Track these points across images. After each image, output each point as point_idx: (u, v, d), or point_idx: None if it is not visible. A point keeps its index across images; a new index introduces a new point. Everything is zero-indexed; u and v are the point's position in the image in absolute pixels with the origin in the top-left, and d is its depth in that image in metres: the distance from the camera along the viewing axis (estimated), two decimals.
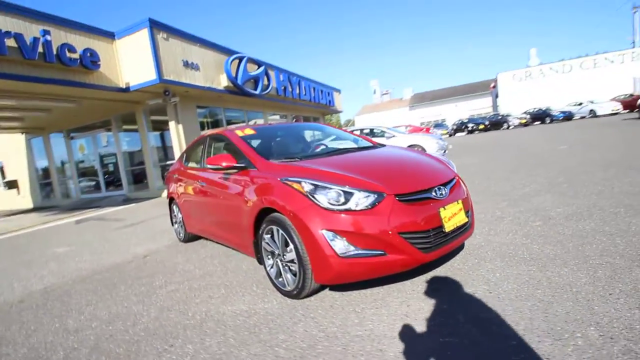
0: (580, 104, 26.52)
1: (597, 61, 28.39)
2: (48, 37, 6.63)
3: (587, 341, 1.60)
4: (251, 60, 11.31)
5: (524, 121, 26.81)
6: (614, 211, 3.41)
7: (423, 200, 2.24)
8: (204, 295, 2.77)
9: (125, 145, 11.23)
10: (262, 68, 11.82)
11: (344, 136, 3.91)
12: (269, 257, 2.65)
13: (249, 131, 3.44)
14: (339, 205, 2.14)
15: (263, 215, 2.60)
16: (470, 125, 28.52)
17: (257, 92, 11.66)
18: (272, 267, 2.62)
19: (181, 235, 4.60)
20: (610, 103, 24.36)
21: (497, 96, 31.90)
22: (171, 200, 4.82)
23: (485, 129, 27.49)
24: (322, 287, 2.49)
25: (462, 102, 38.44)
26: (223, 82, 10.39)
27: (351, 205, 2.13)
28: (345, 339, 1.89)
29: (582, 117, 24.95)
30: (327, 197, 2.17)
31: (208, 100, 10.91)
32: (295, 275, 2.38)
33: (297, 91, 14.84)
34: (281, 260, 2.47)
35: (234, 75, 10.43)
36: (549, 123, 25.58)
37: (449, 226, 2.25)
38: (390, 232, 2.06)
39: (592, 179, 4.89)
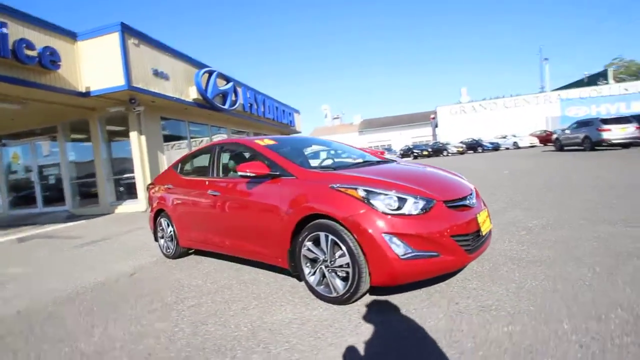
0: (505, 136, 30.47)
1: (517, 101, 33.30)
2: (4, 30, 5.87)
3: (622, 319, 1.91)
4: (221, 75, 11.14)
5: (460, 149, 29.88)
6: (578, 222, 4.04)
7: (463, 207, 2.49)
8: (236, 308, 2.64)
9: (72, 156, 10.07)
10: (230, 84, 11.70)
11: (351, 150, 4.09)
12: (308, 264, 2.65)
13: (269, 141, 3.45)
14: (394, 210, 2.28)
15: (302, 223, 2.62)
16: (415, 150, 30.99)
17: (226, 107, 11.45)
18: (312, 275, 2.62)
19: (170, 250, 4.28)
20: (529, 137, 28.43)
21: (436, 126, 35.32)
22: (157, 213, 4.49)
23: (429, 155, 30.05)
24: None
25: (406, 130, 41.74)
26: (192, 94, 10.05)
27: (405, 210, 2.28)
28: (416, 336, 1.99)
29: (507, 148, 28.62)
30: (383, 203, 2.30)
31: (173, 112, 10.41)
32: (344, 280, 2.42)
33: (262, 109, 14.86)
34: (327, 267, 2.50)
35: (204, 88, 10.16)
36: (481, 152, 28.83)
37: (483, 230, 2.52)
38: (444, 235, 2.25)
39: (545, 199, 5.69)
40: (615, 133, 15.70)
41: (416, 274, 2.27)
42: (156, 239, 4.63)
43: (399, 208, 2.29)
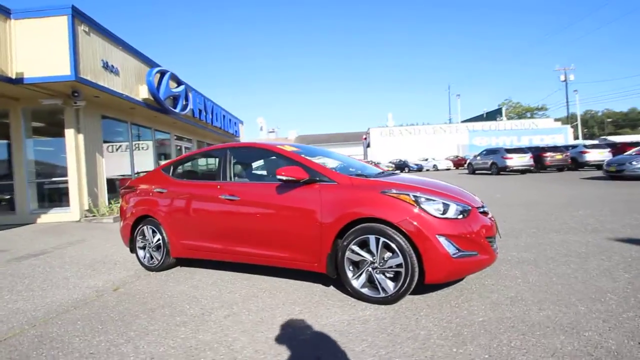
0: (427, 159, 34.21)
1: (435, 129, 37.93)
2: None
3: (615, 299, 2.46)
4: (173, 77, 10.42)
5: (390, 169, 32.53)
6: (531, 231, 4.88)
7: (484, 213, 2.89)
8: (280, 315, 2.58)
9: None
10: (182, 87, 11.00)
11: (354, 161, 4.30)
12: (350, 268, 2.74)
13: (292, 147, 3.47)
14: (442, 214, 2.56)
15: (344, 227, 2.72)
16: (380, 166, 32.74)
17: (177, 110, 10.69)
18: (356, 278, 2.71)
19: (154, 262, 3.88)
20: (445, 161, 32.43)
21: (368, 146, 37.93)
22: (138, 221, 4.03)
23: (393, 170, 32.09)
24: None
25: (341, 148, 43.73)
26: (142, 93, 9.17)
27: (450, 214, 2.58)
28: (479, 323, 2.24)
29: (428, 170, 32.14)
30: (433, 208, 2.56)
31: (117, 111, 9.32)
32: (394, 280, 2.58)
33: (210, 117, 14.20)
34: (375, 269, 2.63)
35: (156, 88, 9.37)
36: (407, 172, 31.82)
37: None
38: (481, 237, 2.59)
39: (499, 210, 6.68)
40: (515, 161, 19.00)
41: (463, 271, 2.56)
42: (132, 250, 4.14)
43: (445, 212, 2.57)
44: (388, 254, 2.59)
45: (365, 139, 40.61)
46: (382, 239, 2.58)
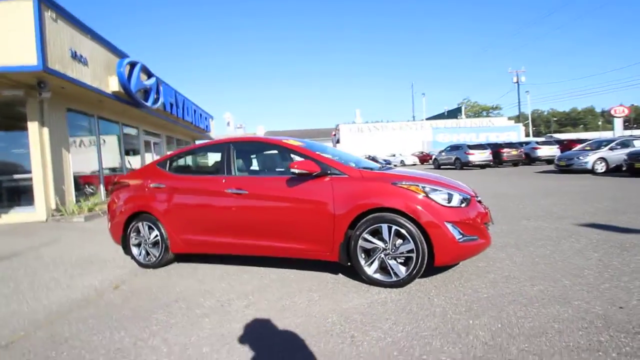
0: (394, 155, 35.35)
1: (401, 126, 39.34)
2: None
3: (593, 275, 2.85)
4: (144, 69, 9.94)
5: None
6: (505, 220, 5.35)
7: (479, 202, 3.18)
8: (300, 302, 2.69)
9: None
10: (154, 79, 10.52)
11: (352, 155, 4.45)
12: (362, 255, 2.91)
13: (298, 142, 3.55)
14: (447, 203, 2.79)
15: (357, 218, 2.88)
16: None
17: (149, 104, 10.21)
18: (369, 265, 2.88)
19: (152, 258, 3.80)
20: (411, 157, 33.74)
21: (338, 142, 38.44)
22: (131, 218, 3.91)
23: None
24: None
25: None
26: (112, 85, 8.66)
27: (454, 203, 2.82)
28: (484, 298, 2.50)
29: (396, 165, 33.30)
30: (440, 197, 2.79)
31: (83, 104, 8.73)
32: (404, 265, 2.79)
33: (182, 111, 13.69)
34: (387, 255, 2.82)
35: (127, 80, 8.89)
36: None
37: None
38: (480, 223, 2.87)
39: None
40: (477, 156, 20.31)
41: (466, 254, 2.82)
42: (125, 248, 4.01)
43: (449, 201, 2.81)
44: (399, 241, 2.79)
45: (335, 135, 41.13)
46: (394, 227, 2.76)
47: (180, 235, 3.65)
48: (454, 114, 47.31)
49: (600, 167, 13.25)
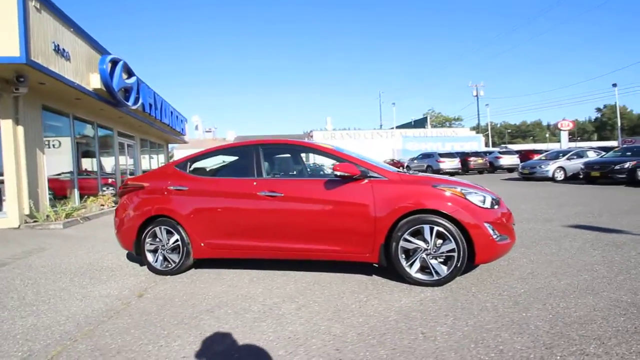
0: None
1: (372, 134, 40.46)
2: None
3: (602, 271, 3.17)
4: (125, 67, 9.43)
5: None
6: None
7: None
8: (351, 303, 2.72)
9: None
10: (134, 78, 10.01)
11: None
12: (403, 256, 3.01)
13: (330, 146, 3.60)
14: (483, 204, 2.99)
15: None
16: None
17: (130, 103, 9.68)
18: (410, 265, 2.98)
19: (171, 265, 3.64)
20: (384, 164, 34.74)
21: None
22: (146, 222, 3.71)
23: None
24: None
25: None
26: (94, 82, 8.12)
27: (487, 204, 3.02)
28: (523, 292, 2.69)
29: None
30: (476, 199, 2.98)
31: (60, 101, 8.08)
32: (445, 264, 2.92)
33: (160, 112, 13.10)
34: (428, 254, 2.94)
35: (110, 78, 8.39)
36: None
37: None
38: (510, 223, 3.09)
39: None
40: (447, 164, 21.43)
41: (501, 253, 3.01)
42: (138, 254, 3.80)
43: (484, 203, 3.00)
44: (439, 241, 2.93)
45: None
46: (435, 228, 2.90)
47: (205, 239, 3.53)
48: (420, 123, 49.49)
49: (560, 175, 14.54)
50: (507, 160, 22.67)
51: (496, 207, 3.05)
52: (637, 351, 1.85)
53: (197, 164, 3.93)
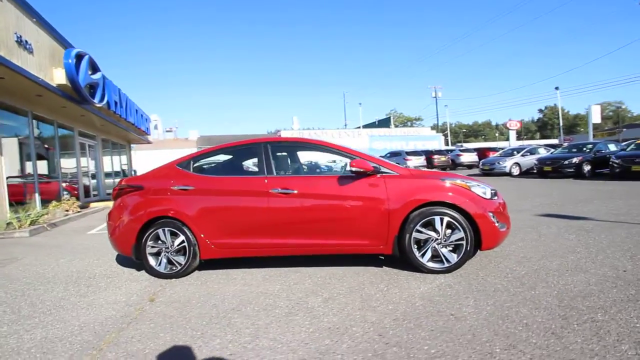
0: (334, 161, 36.64)
1: (340, 133, 41.12)
2: None
3: (589, 253, 3.59)
4: (91, 62, 8.79)
5: None
6: None
7: None
8: (373, 292, 2.85)
9: None
10: (100, 74, 9.35)
11: None
12: (415, 246, 3.19)
13: (339, 143, 3.69)
14: (485, 195, 3.25)
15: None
16: None
17: (96, 100, 9.04)
18: (423, 254, 3.17)
19: (176, 267, 3.54)
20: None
21: None
22: (147, 224, 3.57)
23: None
24: None
25: None
26: (58, 78, 7.49)
27: (488, 196, 3.29)
28: (526, 273, 2.98)
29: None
30: (479, 191, 3.23)
31: (18, 97, 7.34)
32: (454, 252, 3.15)
33: (125, 111, 12.34)
34: (439, 244, 3.15)
35: (75, 72, 7.78)
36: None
37: None
38: (506, 212, 3.39)
39: None
40: (414, 162, 22.39)
41: (502, 240, 3.29)
42: (138, 259, 3.64)
43: (485, 194, 3.27)
44: (448, 231, 3.15)
45: None
46: (445, 219, 3.11)
47: (215, 239, 3.47)
48: (384, 123, 51.06)
49: (516, 170, 15.84)
50: (467, 158, 24.25)
51: (495, 197, 3.33)
52: (636, 316, 2.16)
53: (200, 163, 3.84)
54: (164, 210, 3.55)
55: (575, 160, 12.96)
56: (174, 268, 3.55)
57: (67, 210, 8.43)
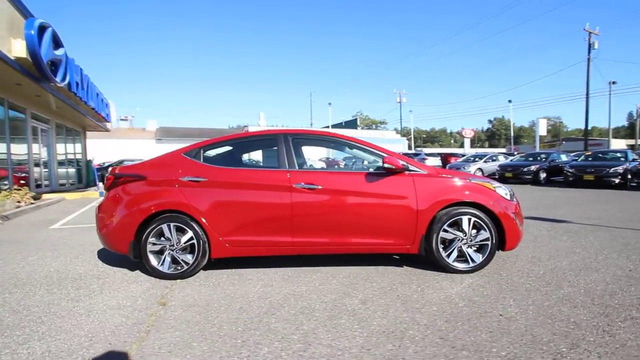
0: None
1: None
2: None
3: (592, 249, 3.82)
4: (55, 36, 7.79)
5: None
6: None
7: None
8: (408, 293, 2.78)
9: None
10: (63, 50, 8.33)
11: None
12: (441, 245, 3.17)
13: (363, 139, 3.58)
14: (507, 197, 3.32)
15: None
16: None
17: (59, 79, 8.02)
18: (449, 254, 3.17)
19: (183, 267, 3.21)
20: (320, 162, 35.50)
21: None
22: (149, 219, 3.20)
23: None
24: None
25: None
26: (17, 50, 6.51)
27: (509, 197, 3.37)
28: (546, 275, 3.08)
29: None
30: (502, 192, 3.31)
31: None
32: (478, 251, 3.18)
33: (87, 93, 11.15)
34: (466, 244, 3.16)
35: (38, 45, 6.83)
36: None
37: None
38: (521, 213, 3.50)
39: None
40: None
41: (520, 240, 3.38)
42: (136, 257, 3.26)
43: (506, 195, 3.35)
44: (474, 231, 3.17)
45: None
46: (473, 219, 3.13)
47: (229, 236, 3.19)
48: (350, 124, 51.87)
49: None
50: (432, 162, 25.36)
51: (514, 199, 3.43)
52: None
53: (212, 153, 3.51)
54: (171, 203, 3.20)
55: (533, 168, 14.06)
56: (180, 268, 3.21)
57: (18, 202, 7.42)
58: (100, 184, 13.05)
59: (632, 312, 2.33)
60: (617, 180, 11.30)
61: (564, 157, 15.67)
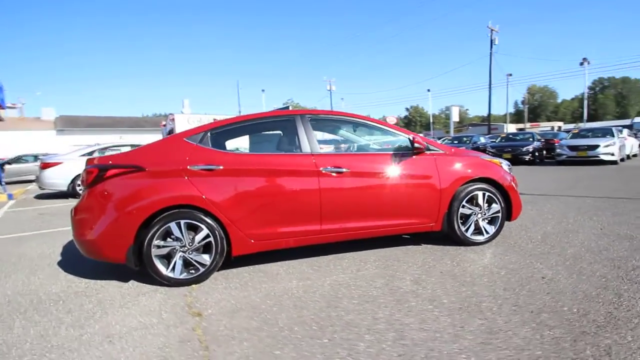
0: (237, 148, 34.88)
1: None
2: None
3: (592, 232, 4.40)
4: None
5: None
6: None
7: None
8: (449, 269, 2.86)
9: None
10: None
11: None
12: (459, 221, 3.32)
13: (382, 120, 3.49)
14: (509, 171, 3.62)
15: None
16: None
17: None
18: (467, 228, 3.34)
19: (200, 269, 2.79)
20: None
21: (171, 132, 33.95)
22: (154, 216, 2.71)
23: None
24: None
25: (129, 134, 36.44)
26: None
27: (509, 171, 3.67)
28: (545, 250, 3.46)
29: None
30: (506, 167, 3.59)
31: None
32: (491, 224, 3.42)
33: None
34: (481, 217, 3.36)
35: None
36: None
37: None
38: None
39: None
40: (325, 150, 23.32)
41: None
42: (137, 265, 2.74)
43: (509, 169, 3.65)
44: (487, 205, 3.40)
45: (165, 125, 36.06)
46: (487, 194, 3.35)
47: (252, 230, 2.87)
48: None
49: None
50: None
51: (511, 173, 3.76)
52: None
53: (221, 137, 3.07)
54: (181, 197, 2.73)
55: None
56: (193, 271, 2.79)
57: None
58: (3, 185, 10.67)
59: (633, 262, 2.76)
60: (527, 157, 13.35)
61: (482, 139, 17.85)
